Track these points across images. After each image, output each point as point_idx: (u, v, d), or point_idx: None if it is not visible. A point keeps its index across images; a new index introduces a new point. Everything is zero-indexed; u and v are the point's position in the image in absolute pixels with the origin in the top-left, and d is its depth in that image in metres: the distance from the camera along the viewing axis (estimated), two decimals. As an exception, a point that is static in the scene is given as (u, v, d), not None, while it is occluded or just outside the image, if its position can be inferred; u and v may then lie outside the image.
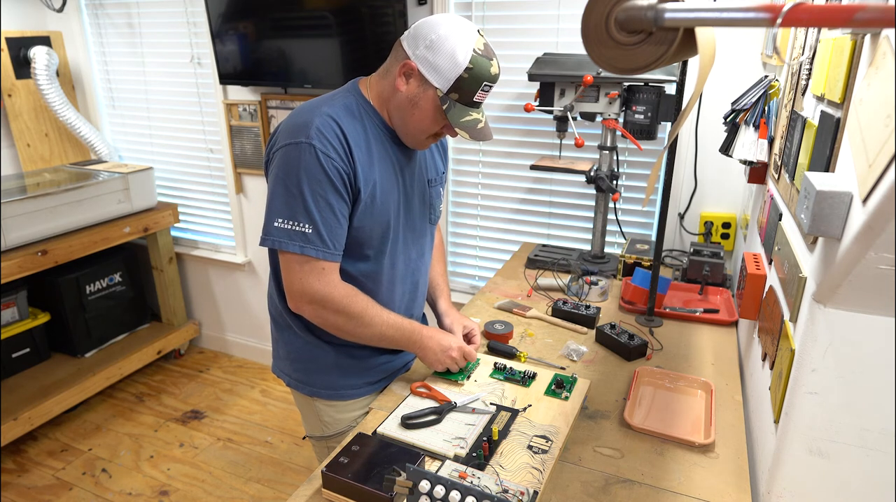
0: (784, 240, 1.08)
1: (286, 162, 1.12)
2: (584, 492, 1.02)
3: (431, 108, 1.15)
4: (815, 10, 0.59)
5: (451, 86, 1.12)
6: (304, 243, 1.12)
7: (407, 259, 1.33)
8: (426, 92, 1.14)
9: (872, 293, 0.75)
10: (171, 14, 2.80)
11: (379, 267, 1.27)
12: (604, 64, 0.76)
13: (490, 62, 1.13)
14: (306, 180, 1.10)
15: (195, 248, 3.22)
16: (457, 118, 1.15)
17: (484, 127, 1.19)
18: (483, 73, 1.12)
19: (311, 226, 1.11)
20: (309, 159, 1.10)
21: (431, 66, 1.11)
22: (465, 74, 1.11)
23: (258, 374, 3.17)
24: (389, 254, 1.28)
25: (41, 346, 2.80)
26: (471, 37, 1.11)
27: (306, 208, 1.11)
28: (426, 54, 1.11)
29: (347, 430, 1.36)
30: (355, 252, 1.23)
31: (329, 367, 1.33)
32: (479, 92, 1.14)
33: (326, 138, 1.11)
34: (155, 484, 2.38)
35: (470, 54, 1.10)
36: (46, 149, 3.06)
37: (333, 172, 1.11)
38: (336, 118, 1.14)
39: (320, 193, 1.11)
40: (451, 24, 1.12)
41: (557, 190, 2.30)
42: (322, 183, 1.10)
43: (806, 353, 0.85)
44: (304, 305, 1.19)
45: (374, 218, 1.21)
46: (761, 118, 1.44)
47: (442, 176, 1.41)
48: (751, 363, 1.32)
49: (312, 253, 1.12)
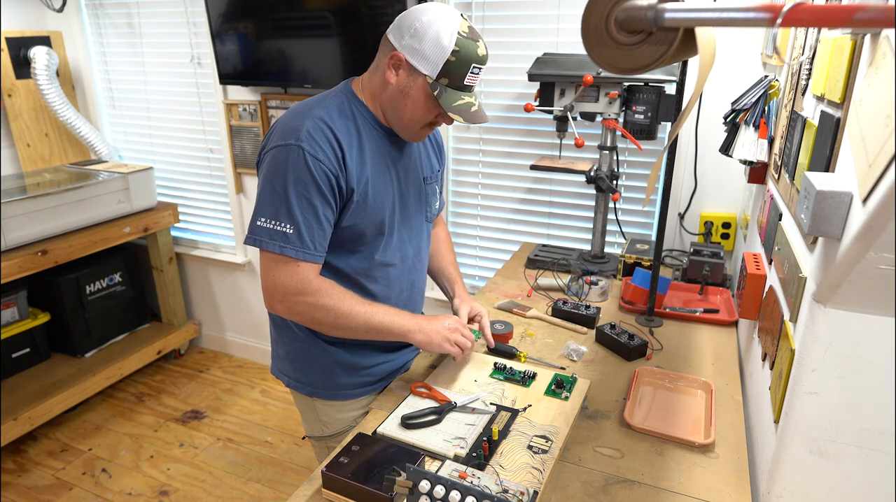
0: (784, 240, 1.08)
1: (275, 163, 1.12)
2: (584, 492, 1.02)
3: (423, 96, 1.15)
4: (815, 10, 0.59)
5: (440, 71, 1.12)
6: (284, 243, 1.12)
7: (403, 256, 1.34)
8: (416, 80, 1.14)
9: (872, 293, 0.75)
10: (171, 14, 2.80)
11: (372, 263, 1.27)
12: (604, 64, 0.76)
13: (476, 44, 1.13)
14: (292, 182, 1.11)
15: (195, 248, 3.22)
16: (449, 103, 1.15)
17: (478, 110, 1.19)
18: (470, 55, 1.12)
19: (292, 226, 1.12)
20: (297, 161, 1.10)
21: (418, 54, 1.12)
22: (452, 58, 1.11)
23: (258, 374, 3.17)
24: (383, 251, 1.28)
25: (41, 346, 2.80)
26: (454, 20, 1.11)
27: (289, 209, 1.11)
28: (412, 43, 1.12)
29: (347, 430, 1.36)
30: (348, 248, 1.24)
31: (328, 367, 1.33)
32: (468, 75, 1.14)
33: (316, 141, 1.11)
34: (155, 484, 2.38)
35: (455, 37, 1.10)
36: (46, 149, 3.06)
37: (320, 175, 1.11)
38: (327, 120, 1.14)
39: (305, 195, 1.11)
40: (433, 10, 1.12)
41: (557, 190, 2.30)
42: (307, 185, 1.11)
43: (806, 353, 0.85)
44: (276, 303, 1.19)
45: (368, 215, 1.21)
46: (761, 118, 1.44)
47: (437, 174, 1.42)
48: (751, 363, 1.32)
49: (291, 253, 1.13)
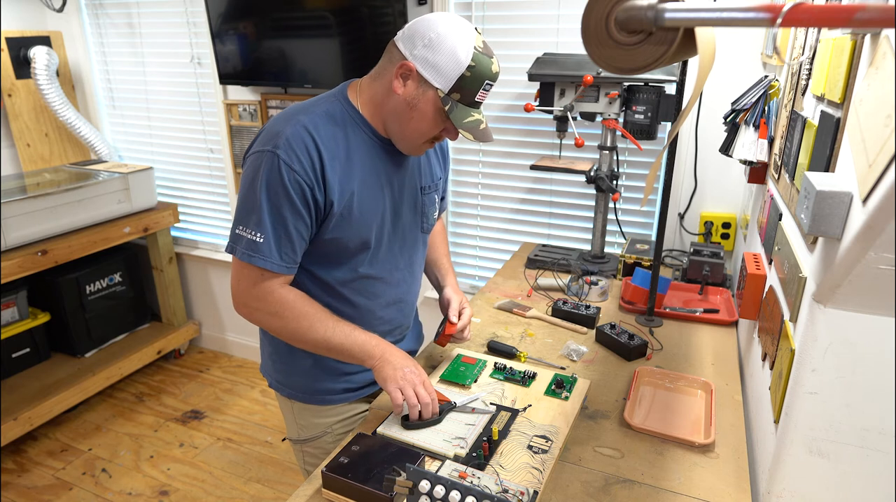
0: (784, 240, 1.08)
1: (253, 169, 1.10)
2: (584, 492, 1.02)
3: (432, 109, 1.11)
4: (815, 10, 0.59)
5: (453, 86, 1.08)
6: (252, 252, 1.10)
7: (392, 269, 1.29)
8: (426, 93, 1.09)
9: (872, 293, 0.75)
10: (171, 14, 2.80)
11: (356, 275, 1.24)
12: (604, 64, 0.76)
13: (491, 60, 1.09)
14: (265, 190, 1.08)
15: (195, 248, 3.22)
16: (460, 119, 1.11)
17: (486, 128, 1.16)
18: (485, 71, 1.08)
19: (262, 235, 1.09)
20: (272, 169, 1.07)
21: (431, 66, 1.07)
22: (467, 73, 1.07)
23: (258, 374, 3.16)
24: (369, 264, 1.24)
25: (41, 346, 2.80)
26: (470, 34, 1.07)
27: (260, 218, 1.09)
28: (425, 53, 1.06)
29: (322, 436, 1.35)
30: (333, 260, 1.21)
31: (307, 371, 1.31)
32: (480, 91, 1.10)
33: (293, 150, 1.08)
34: (155, 484, 2.38)
35: (472, 52, 1.06)
36: (46, 149, 3.06)
37: (294, 185, 1.08)
38: (310, 128, 1.10)
39: (276, 205, 1.09)
40: (449, 21, 1.07)
41: (557, 190, 2.30)
42: (279, 195, 1.08)
43: (806, 353, 0.85)
44: (240, 306, 1.18)
45: (353, 229, 1.17)
46: (761, 118, 1.44)
47: (438, 182, 1.36)
48: (751, 363, 1.32)
49: (259, 262, 1.10)
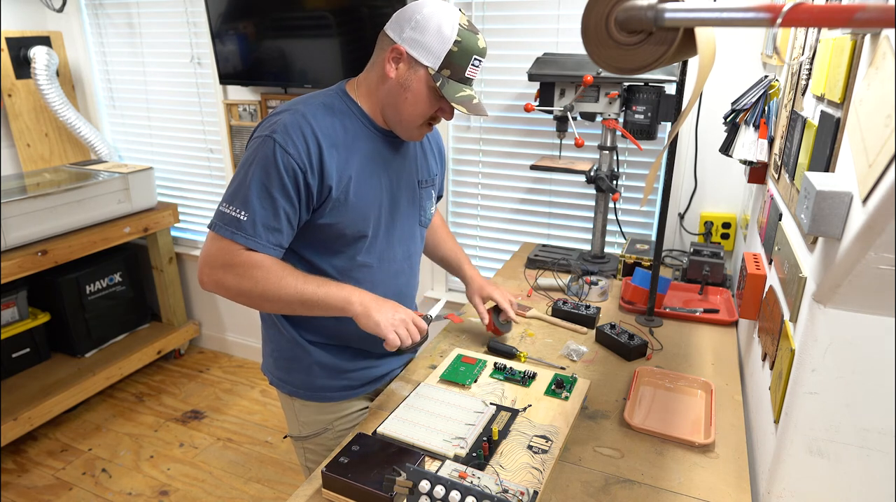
0: (784, 240, 1.08)
1: (250, 153, 1.13)
2: (584, 492, 1.02)
3: (424, 88, 1.15)
4: (815, 10, 0.59)
5: (442, 62, 1.12)
6: (235, 229, 1.11)
7: (390, 259, 1.31)
8: (417, 73, 1.14)
9: (872, 293, 0.75)
10: (171, 14, 2.80)
11: (353, 264, 1.25)
12: (604, 64, 0.76)
13: (476, 36, 1.14)
14: (258, 171, 1.10)
15: (195, 248, 3.21)
16: (452, 94, 1.15)
17: (479, 102, 1.19)
18: (471, 46, 1.13)
19: (247, 214, 1.11)
20: (267, 152, 1.10)
21: (420, 45, 1.12)
22: (454, 48, 1.11)
23: (258, 374, 3.16)
24: (367, 252, 1.26)
25: (41, 346, 2.79)
26: (454, 13, 1.13)
27: (247, 197, 1.11)
28: (413, 35, 1.12)
29: (323, 432, 1.36)
30: (330, 248, 1.23)
31: (308, 367, 1.33)
32: (469, 67, 1.14)
33: (290, 135, 1.11)
34: (155, 484, 2.38)
35: (456, 28, 1.11)
36: (46, 149, 3.06)
37: (287, 168, 1.10)
38: (308, 116, 1.14)
39: (266, 186, 1.11)
40: (433, 3, 1.13)
41: (557, 190, 2.30)
42: (271, 176, 1.10)
43: (806, 353, 0.85)
44: (204, 275, 1.16)
45: (350, 215, 1.19)
46: (761, 118, 1.44)
47: (435, 178, 1.40)
48: (751, 363, 1.32)
49: (241, 240, 1.11)
